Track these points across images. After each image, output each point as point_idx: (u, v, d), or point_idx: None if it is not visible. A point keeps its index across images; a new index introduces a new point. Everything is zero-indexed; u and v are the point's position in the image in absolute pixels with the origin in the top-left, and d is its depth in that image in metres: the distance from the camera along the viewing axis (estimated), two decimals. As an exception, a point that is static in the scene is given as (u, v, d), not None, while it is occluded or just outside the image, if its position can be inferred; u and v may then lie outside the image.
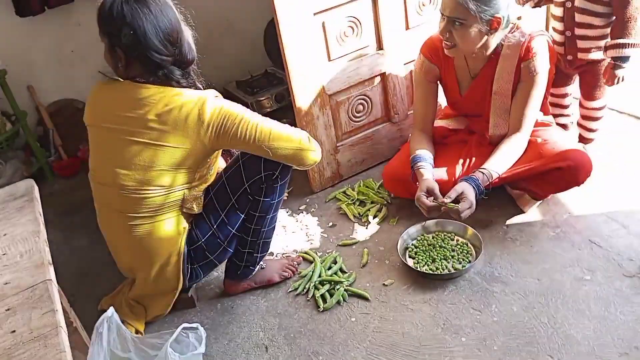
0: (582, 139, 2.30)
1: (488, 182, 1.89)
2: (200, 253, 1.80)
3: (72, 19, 3.04)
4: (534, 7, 2.18)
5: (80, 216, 2.61)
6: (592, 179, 1.95)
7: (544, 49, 1.92)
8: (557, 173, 1.92)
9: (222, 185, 1.77)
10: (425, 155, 2.06)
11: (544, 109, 2.11)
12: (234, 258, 1.88)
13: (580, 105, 2.25)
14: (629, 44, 1.91)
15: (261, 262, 1.94)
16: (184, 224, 1.75)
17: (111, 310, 1.60)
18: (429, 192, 1.92)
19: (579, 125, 2.29)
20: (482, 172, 1.90)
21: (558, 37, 2.11)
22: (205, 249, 1.79)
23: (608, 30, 1.99)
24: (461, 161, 2.09)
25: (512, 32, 1.93)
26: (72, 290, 1.99)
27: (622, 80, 2.00)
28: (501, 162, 1.94)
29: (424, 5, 2.33)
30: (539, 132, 2.04)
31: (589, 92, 2.17)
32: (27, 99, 3.04)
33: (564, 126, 2.34)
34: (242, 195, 1.76)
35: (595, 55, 2.05)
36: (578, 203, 2.07)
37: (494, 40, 1.93)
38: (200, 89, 1.68)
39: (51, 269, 1.27)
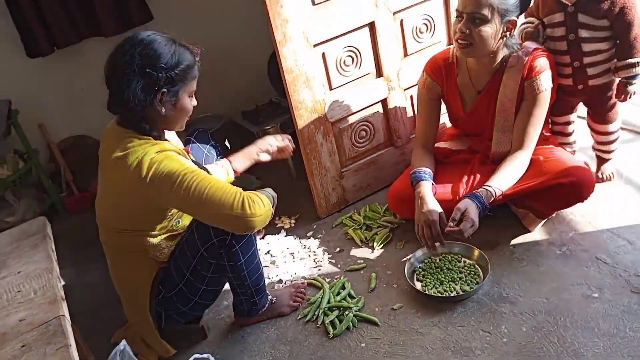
0: (601, 160, 2.26)
1: (492, 199, 1.91)
2: (172, 304, 1.82)
3: (82, 58, 3.12)
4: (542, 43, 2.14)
5: (92, 251, 2.63)
6: (595, 195, 1.96)
7: (547, 68, 1.95)
8: (560, 189, 1.93)
9: (182, 246, 1.76)
10: (425, 171, 2.07)
11: (546, 127, 2.14)
12: (235, 301, 1.91)
13: (594, 131, 2.21)
14: (638, 62, 1.93)
15: (270, 297, 1.96)
16: (153, 269, 1.77)
17: (123, 342, 1.62)
18: (437, 222, 1.93)
19: (595, 149, 2.26)
20: (485, 189, 1.92)
21: (564, 70, 2.07)
22: (176, 300, 1.81)
23: (613, 50, 2.00)
24: (465, 179, 2.11)
25: (517, 51, 1.97)
26: (86, 325, 2.01)
27: (634, 94, 2.02)
28: (504, 180, 1.96)
29: (421, 32, 2.38)
30: (542, 150, 2.06)
31: (601, 116, 2.14)
32: (38, 136, 3.11)
33: None
34: (201, 258, 1.73)
35: (605, 78, 2.04)
36: (583, 220, 2.08)
37: (502, 50, 1.97)
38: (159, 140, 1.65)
39: (64, 304, 1.31)
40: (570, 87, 2.09)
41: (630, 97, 2.03)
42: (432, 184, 2.05)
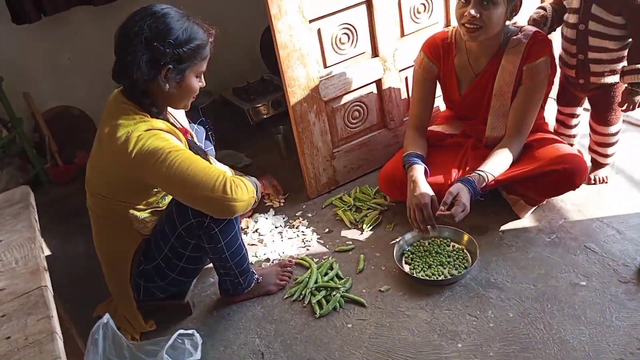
0: (597, 164, 2.20)
1: (484, 184, 1.90)
2: (151, 277, 1.80)
3: (70, 27, 3.04)
4: (547, 33, 2.10)
5: (76, 223, 2.60)
6: (586, 184, 1.96)
7: (547, 53, 1.92)
8: (552, 176, 1.92)
9: (162, 222, 1.72)
10: (418, 154, 2.06)
11: (540, 114, 2.12)
12: (220, 279, 1.89)
13: (593, 130, 2.15)
14: None
15: (256, 275, 1.93)
16: (136, 240, 1.74)
17: (107, 316, 1.60)
18: (429, 205, 1.91)
19: (592, 150, 2.20)
20: (478, 174, 1.91)
21: (570, 60, 2.04)
22: (154, 274, 1.79)
23: (624, 53, 1.93)
24: (457, 163, 2.10)
25: (517, 34, 1.95)
26: (68, 297, 1.98)
27: (634, 109, 1.94)
28: (497, 165, 1.95)
29: (419, 12, 2.34)
30: (535, 137, 2.05)
31: (602, 117, 2.08)
32: (23, 106, 3.04)
33: None
34: (179, 237, 1.70)
35: (610, 79, 1.99)
36: (573, 209, 2.08)
37: (503, 32, 1.94)
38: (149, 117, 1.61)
39: (47, 275, 1.27)
40: (573, 78, 2.07)
41: (634, 108, 1.93)
42: (425, 167, 2.03)
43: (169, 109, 1.76)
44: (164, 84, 1.57)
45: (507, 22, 1.94)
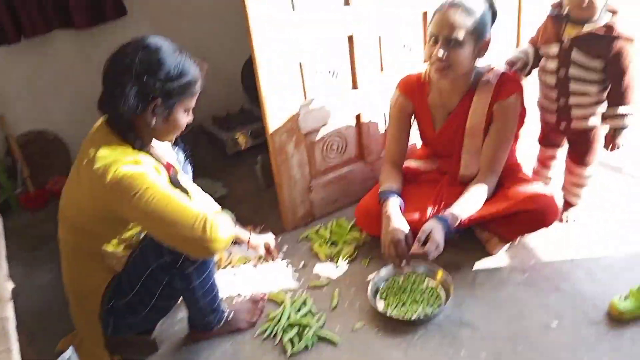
0: (568, 205, 2.24)
1: (457, 222, 1.91)
2: (121, 314, 1.74)
3: (49, 50, 3.02)
4: (525, 76, 2.15)
5: (44, 251, 2.53)
6: (558, 224, 1.99)
7: (517, 91, 1.97)
8: (525, 215, 1.95)
9: (135, 257, 1.68)
10: (393, 188, 2.07)
11: (512, 153, 2.16)
12: (190, 316, 1.85)
13: (569, 170, 2.19)
14: (626, 114, 1.90)
15: (226, 312, 1.89)
16: (107, 275, 1.69)
17: (70, 350, 1.54)
18: (403, 241, 1.91)
19: (565, 189, 2.24)
20: (451, 212, 1.92)
21: (550, 106, 2.07)
22: (125, 311, 1.73)
23: (603, 96, 1.97)
24: (432, 200, 2.12)
25: (487, 73, 1.99)
26: (31, 329, 1.91)
27: (622, 146, 2.00)
28: (471, 203, 1.97)
29: (398, 50, 2.39)
30: (508, 175, 2.08)
31: (580, 158, 2.12)
32: (-4, 128, 2.99)
33: None
34: (151, 274, 1.65)
35: (590, 122, 2.02)
36: (545, 248, 2.10)
37: (473, 71, 1.98)
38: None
39: (9, 305, 1.23)
40: (553, 124, 2.11)
41: (618, 148, 1.99)
42: (400, 203, 2.04)
43: (154, 141, 1.75)
44: (151, 118, 1.54)
45: (479, 62, 1.98)
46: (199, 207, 1.52)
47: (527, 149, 2.29)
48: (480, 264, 2.08)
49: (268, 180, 2.72)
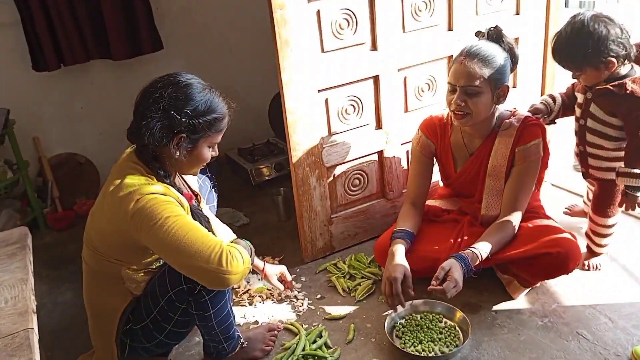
0: (591, 252, 2.20)
1: (477, 262, 1.90)
2: (138, 337, 1.76)
3: (86, 78, 3.16)
4: (547, 123, 2.18)
5: (67, 270, 2.58)
6: (579, 270, 1.96)
7: (539, 136, 1.99)
8: (546, 259, 1.93)
9: (154, 283, 1.71)
10: (406, 231, 2.07)
11: (535, 195, 2.17)
12: (204, 343, 1.85)
13: (591, 219, 2.17)
14: None
15: (241, 339, 1.89)
16: (126, 298, 1.71)
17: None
18: (399, 280, 1.88)
19: (587, 236, 2.21)
20: (471, 251, 1.91)
21: (575, 149, 2.13)
22: (141, 335, 1.75)
23: (621, 153, 1.95)
24: (452, 239, 2.11)
25: (509, 117, 2.02)
26: (50, 345, 1.94)
27: (634, 209, 1.97)
28: (491, 243, 1.95)
29: (422, 91, 2.44)
30: (530, 218, 2.08)
31: (601, 208, 2.11)
32: (31, 149, 3.10)
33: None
34: (169, 300, 1.68)
35: (607, 175, 2.03)
36: (566, 293, 2.07)
37: (495, 115, 2.01)
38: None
39: (34, 318, 1.26)
40: (579, 166, 2.16)
41: (634, 208, 1.95)
42: (407, 245, 2.02)
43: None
44: (175, 151, 1.59)
45: (499, 107, 2.02)
46: (216, 238, 1.55)
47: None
48: (500, 306, 2.05)
49: (289, 211, 2.76)
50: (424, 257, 2.07)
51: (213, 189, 2.16)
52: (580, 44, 1.83)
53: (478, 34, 2.02)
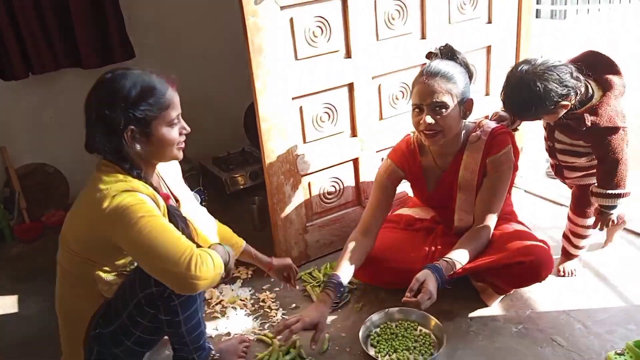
0: (567, 254, 2.21)
1: (451, 272, 1.89)
2: (106, 343, 1.71)
3: (56, 87, 3.09)
4: (512, 131, 2.16)
5: (35, 283, 2.50)
6: (553, 276, 1.97)
7: (508, 144, 1.99)
8: (518, 268, 1.93)
9: (125, 286, 1.66)
10: (339, 280, 1.93)
11: (507, 202, 2.17)
12: (174, 355, 1.80)
13: (570, 220, 2.17)
14: (615, 194, 1.88)
15: (212, 351, 1.84)
16: (98, 301, 1.67)
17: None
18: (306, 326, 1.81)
19: (565, 237, 2.21)
20: (446, 261, 1.90)
21: (550, 161, 2.14)
22: (110, 339, 1.70)
23: (595, 162, 1.96)
24: (426, 249, 2.11)
25: (476, 129, 2.03)
26: (14, 358, 1.87)
27: (614, 223, 2.01)
28: (465, 253, 1.95)
29: (397, 98, 2.44)
30: (502, 226, 2.08)
31: (580, 209, 2.11)
32: (-2, 159, 3.02)
33: None
34: (138, 304, 1.63)
35: (585, 181, 2.03)
36: (540, 300, 2.08)
37: (463, 130, 2.01)
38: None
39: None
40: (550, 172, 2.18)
41: (608, 226, 1.99)
42: (337, 296, 1.94)
43: (161, 172, 1.76)
44: (134, 146, 1.54)
45: (470, 120, 2.02)
46: (188, 242, 1.51)
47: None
48: (475, 313, 2.05)
49: (264, 220, 2.72)
50: (398, 268, 2.07)
51: (202, 201, 2.12)
52: (525, 105, 1.85)
53: (430, 55, 2.01)
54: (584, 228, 2.15)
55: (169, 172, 1.83)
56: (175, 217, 1.65)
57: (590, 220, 2.11)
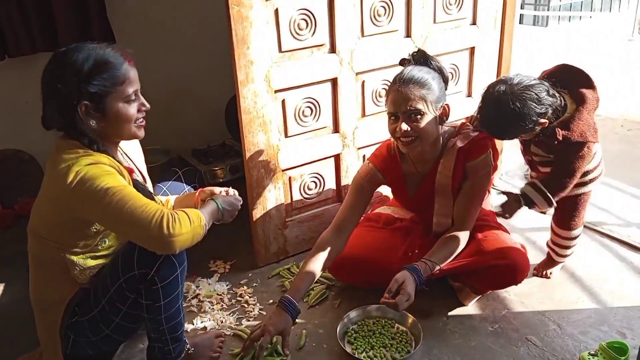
0: (550, 261, 2.21)
1: (429, 273, 1.90)
2: (83, 331, 1.68)
3: (32, 70, 2.97)
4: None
5: (5, 271, 2.43)
6: (529, 276, 1.98)
7: (487, 149, 1.99)
8: (494, 270, 1.94)
9: (105, 271, 1.64)
10: (294, 306, 1.84)
11: (486, 204, 2.18)
12: (149, 346, 1.77)
13: (554, 232, 2.16)
14: (545, 197, 1.90)
15: (187, 345, 1.81)
16: (72, 288, 1.64)
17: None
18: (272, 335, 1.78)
19: (549, 246, 2.21)
20: (425, 262, 1.90)
21: (531, 173, 2.13)
22: (87, 327, 1.67)
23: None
24: (404, 249, 2.11)
25: (455, 135, 2.01)
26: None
27: (509, 217, 2.06)
28: (443, 255, 1.95)
29: (380, 95, 2.43)
30: (480, 227, 2.08)
31: (564, 221, 2.10)
32: (-31, 144, 2.93)
33: None
34: (119, 289, 1.61)
35: (572, 191, 2.00)
36: (516, 300, 2.10)
37: (445, 134, 2.01)
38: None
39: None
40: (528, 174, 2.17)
41: (510, 217, 2.05)
42: (293, 317, 1.85)
43: (125, 149, 1.73)
44: (89, 121, 1.51)
45: (447, 126, 2.02)
46: (157, 205, 1.49)
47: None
48: (452, 312, 2.06)
49: (242, 215, 2.69)
50: (377, 268, 2.06)
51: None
52: (504, 127, 1.87)
53: (404, 61, 1.99)
54: (570, 239, 2.13)
55: (134, 155, 1.81)
56: (141, 190, 1.60)
57: (576, 232, 2.11)
